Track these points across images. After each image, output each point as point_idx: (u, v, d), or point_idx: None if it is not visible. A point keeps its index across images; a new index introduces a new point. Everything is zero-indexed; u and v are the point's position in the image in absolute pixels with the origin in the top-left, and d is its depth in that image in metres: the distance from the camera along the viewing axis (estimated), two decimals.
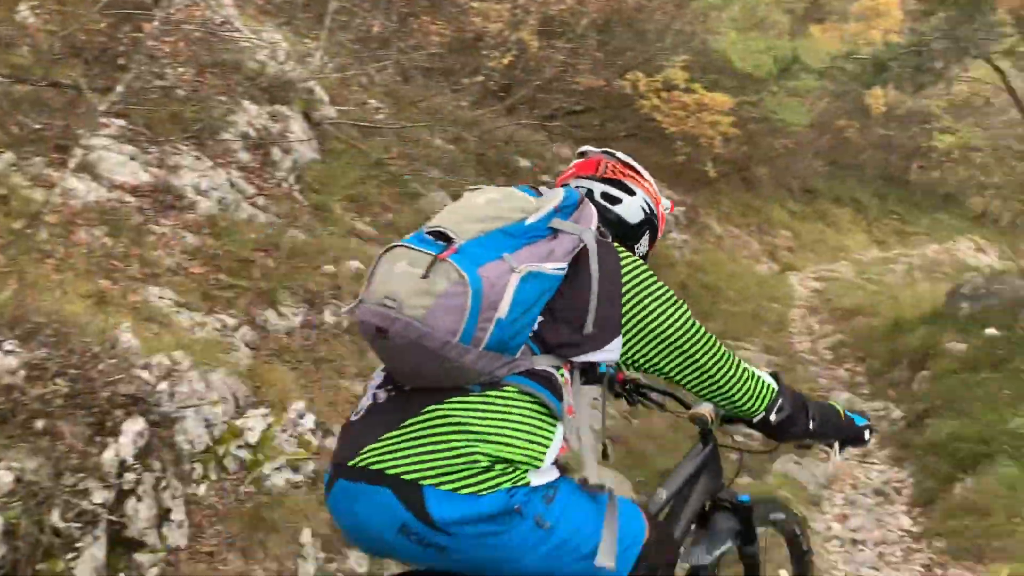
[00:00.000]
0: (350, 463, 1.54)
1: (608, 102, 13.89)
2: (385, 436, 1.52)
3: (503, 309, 1.49)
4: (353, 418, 1.63)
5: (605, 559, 1.60)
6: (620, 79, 13.10)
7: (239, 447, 2.99)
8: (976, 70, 11.27)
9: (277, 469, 2.99)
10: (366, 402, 1.63)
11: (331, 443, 3.33)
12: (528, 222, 1.58)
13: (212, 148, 5.26)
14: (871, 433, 2.10)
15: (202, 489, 2.80)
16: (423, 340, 1.45)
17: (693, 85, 13.70)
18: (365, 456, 1.52)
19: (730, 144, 14.63)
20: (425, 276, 1.47)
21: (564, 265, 1.58)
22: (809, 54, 10.72)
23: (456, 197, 2.81)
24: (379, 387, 1.63)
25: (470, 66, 9.50)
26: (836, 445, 2.04)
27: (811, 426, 1.93)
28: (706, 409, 2.14)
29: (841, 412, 2.03)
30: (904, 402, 6.13)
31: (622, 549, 1.64)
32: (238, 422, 3.07)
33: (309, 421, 3.26)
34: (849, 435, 2.04)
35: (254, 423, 3.09)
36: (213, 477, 2.87)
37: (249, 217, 4.93)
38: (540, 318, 1.58)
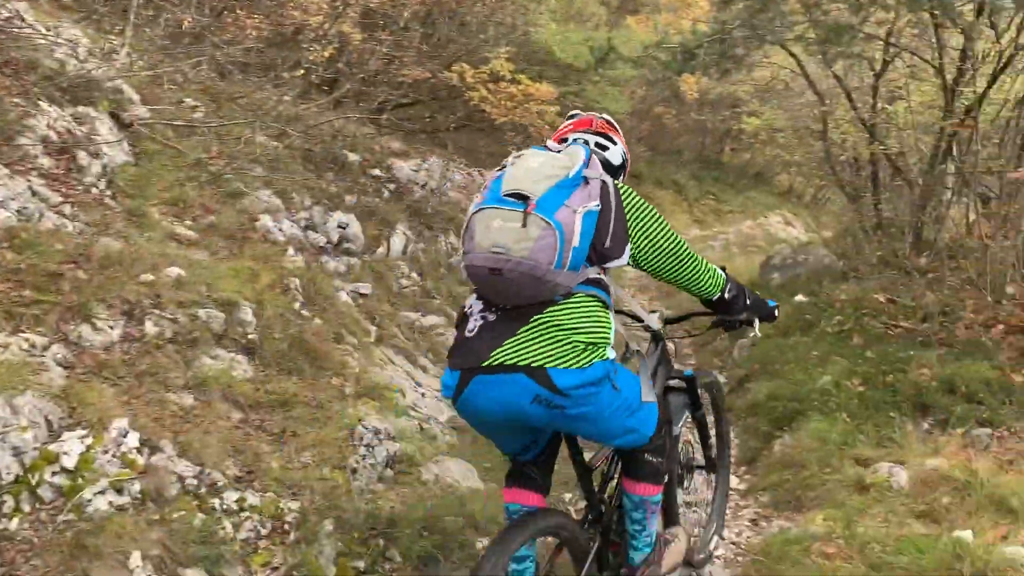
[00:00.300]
0: (484, 363, 2.20)
1: (436, 94, 13.91)
2: (508, 341, 2.19)
3: (576, 240, 2.14)
4: (468, 335, 2.29)
5: (649, 396, 2.44)
6: (446, 71, 13.14)
7: (55, 473, 2.79)
8: (775, 56, 12.10)
9: (100, 493, 2.81)
10: (476, 323, 2.29)
11: (158, 460, 3.17)
12: (570, 176, 2.22)
13: (7, 155, 4.84)
14: (778, 311, 2.95)
15: (14, 523, 2.59)
16: (532, 271, 2.10)
17: (519, 76, 13.97)
18: (497, 356, 2.19)
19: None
20: (523, 226, 2.09)
21: (599, 202, 2.24)
22: (624, 44, 11.17)
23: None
24: (483, 312, 2.30)
25: (291, 60, 9.23)
26: (756, 322, 2.83)
27: (747, 302, 2.74)
28: (654, 318, 2.92)
29: (759, 295, 2.86)
30: (727, 369, 6.54)
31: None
32: (52, 447, 2.86)
33: (133, 439, 3.09)
34: (767, 312, 2.88)
35: (71, 446, 2.89)
36: (26, 509, 2.66)
37: (55, 227, 4.59)
38: None
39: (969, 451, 3.78)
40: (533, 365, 2.14)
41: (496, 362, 2.17)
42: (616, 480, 2.83)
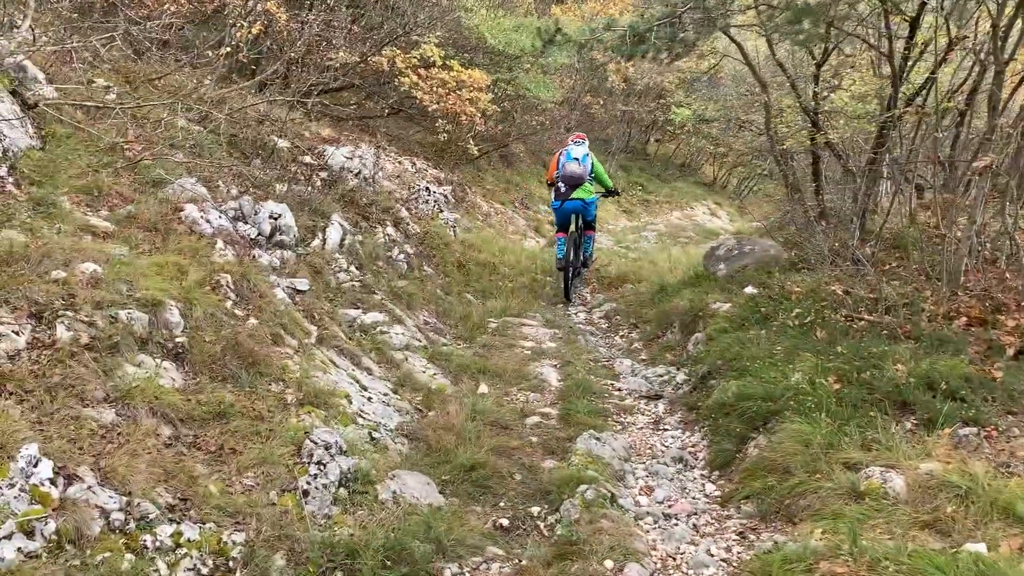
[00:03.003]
0: (570, 198, 9.24)
1: (366, 79, 13.36)
2: (574, 193, 9.27)
3: (588, 171, 9.34)
4: (562, 191, 9.27)
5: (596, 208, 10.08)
6: (376, 55, 12.63)
7: None
8: (713, 43, 11.98)
9: (5, 538, 2.34)
10: (564, 188, 9.26)
11: (76, 492, 2.70)
12: (586, 151, 9.44)
13: None
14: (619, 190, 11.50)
15: None
16: (583, 176, 9.21)
17: (451, 62, 13.53)
18: (573, 196, 9.24)
19: (488, 121, 14.66)
20: (580, 165, 9.22)
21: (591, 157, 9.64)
22: (570, 27, 10.94)
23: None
24: (566, 185, 9.22)
25: (212, 40, 8.61)
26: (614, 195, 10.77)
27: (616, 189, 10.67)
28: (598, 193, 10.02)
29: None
30: (684, 365, 6.29)
31: None
32: None
33: (46, 468, 2.62)
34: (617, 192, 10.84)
35: None
36: None
37: None
38: None
39: (962, 453, 3.59)
40: (581, 197, 9.21)
41: (572, 197, 9.19)
42: (582, 232, 9.60)
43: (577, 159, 9.15)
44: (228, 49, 7.42)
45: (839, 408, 4.18)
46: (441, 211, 10.75)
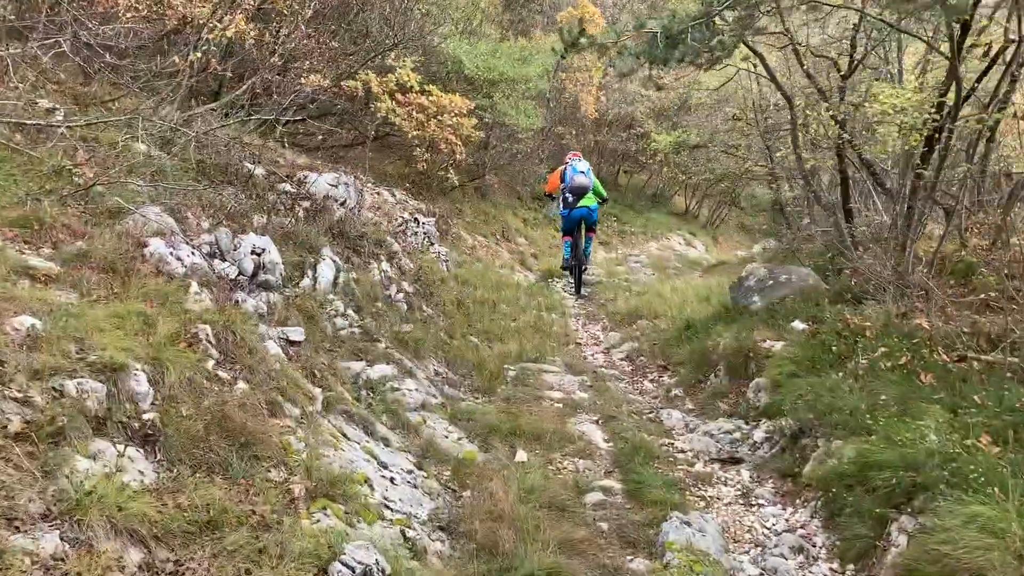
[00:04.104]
0: (578, 206, 11.14)
1: (340, 104, 12.39)
2: (581, 201, 11.11)
3: (592, 183, 11.30)
4: (571, 201, 11.13)
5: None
6: (350, 80, 11.71)
7: None
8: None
9: None
10: (572, 198, 11.10)
11: None
12: (589, 167, 11.53)
13: None
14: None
15: None
16: (587, 187, 11.15)
17: (429, 87, 12.66)
18: (580, 204, 11.13)
19: (468, 148, 13.79)
20: (587, 178, 11.25)
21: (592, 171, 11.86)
22: (594, 29, 10.33)
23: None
24: (573, 195, 11.09)
25: (175, 53, 7.57)
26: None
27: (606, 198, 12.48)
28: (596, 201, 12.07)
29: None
30: (750, 418, 5.33)
31: None
32: None
33: None
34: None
35: None
36: None
37: None
38: None
39: None
40: (587, 205, 11.15)
41: (580, 205, 11.09)
42: (584, 234, 11.44)
43: (583, 172, 11.06)
44: (200, 54, 6.38)
45: (1012, 479, 3.23)
46: (432, 244, 9.76)
